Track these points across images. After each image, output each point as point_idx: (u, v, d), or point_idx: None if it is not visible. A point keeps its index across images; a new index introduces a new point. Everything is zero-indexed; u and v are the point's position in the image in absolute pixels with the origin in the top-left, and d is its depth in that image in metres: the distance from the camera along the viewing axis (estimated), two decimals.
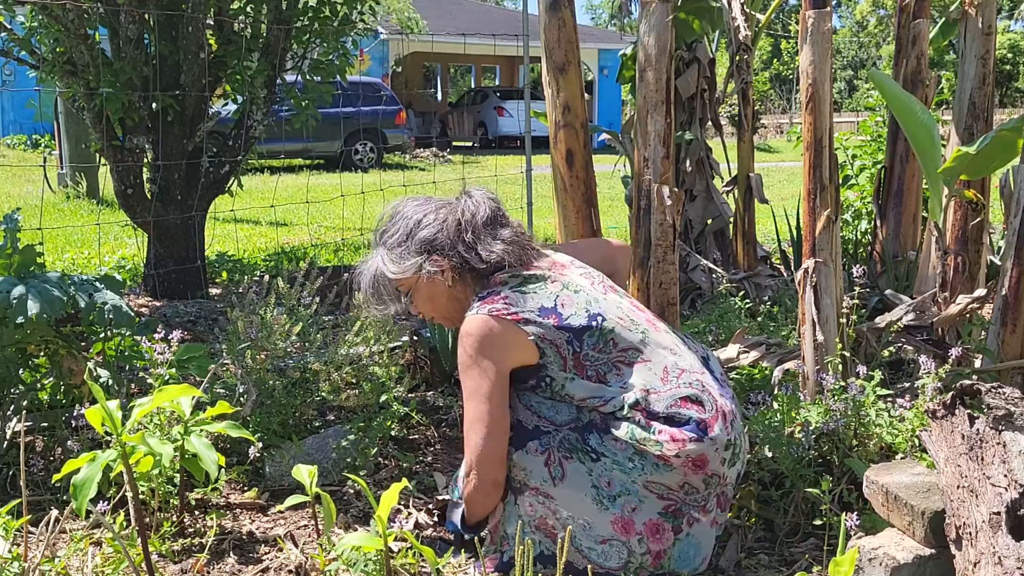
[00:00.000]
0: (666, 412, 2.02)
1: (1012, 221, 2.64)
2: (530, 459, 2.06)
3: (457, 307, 2.20)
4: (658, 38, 2.86)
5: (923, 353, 2.89)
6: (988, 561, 1.71)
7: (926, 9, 4.32)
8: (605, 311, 2.10)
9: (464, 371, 2.07)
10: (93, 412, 1.85)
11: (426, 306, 2.25)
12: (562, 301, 2.09)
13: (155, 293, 5.10)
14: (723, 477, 2.07)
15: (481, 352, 2.04)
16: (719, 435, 2.02)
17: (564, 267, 2.22)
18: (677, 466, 2.00)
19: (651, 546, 2.02)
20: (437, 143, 21.07)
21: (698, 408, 2.03)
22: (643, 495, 2.02)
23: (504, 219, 2.22)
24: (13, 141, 17.51)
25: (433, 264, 2.15)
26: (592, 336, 2.06)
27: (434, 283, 2.17)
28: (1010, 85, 36.42)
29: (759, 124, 25.70)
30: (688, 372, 2.10)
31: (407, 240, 2.17)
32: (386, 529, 1.79)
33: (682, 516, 2.05)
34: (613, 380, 2.06)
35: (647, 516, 2.02)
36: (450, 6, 25.68)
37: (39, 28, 4.73)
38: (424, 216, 2.19)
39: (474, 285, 2.17)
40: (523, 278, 2.13)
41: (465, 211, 2.18)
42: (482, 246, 2.15)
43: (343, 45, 5.32)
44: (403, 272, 2.17)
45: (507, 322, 2.05)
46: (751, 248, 4.81)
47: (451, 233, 2.16)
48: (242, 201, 8.51)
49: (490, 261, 2.14)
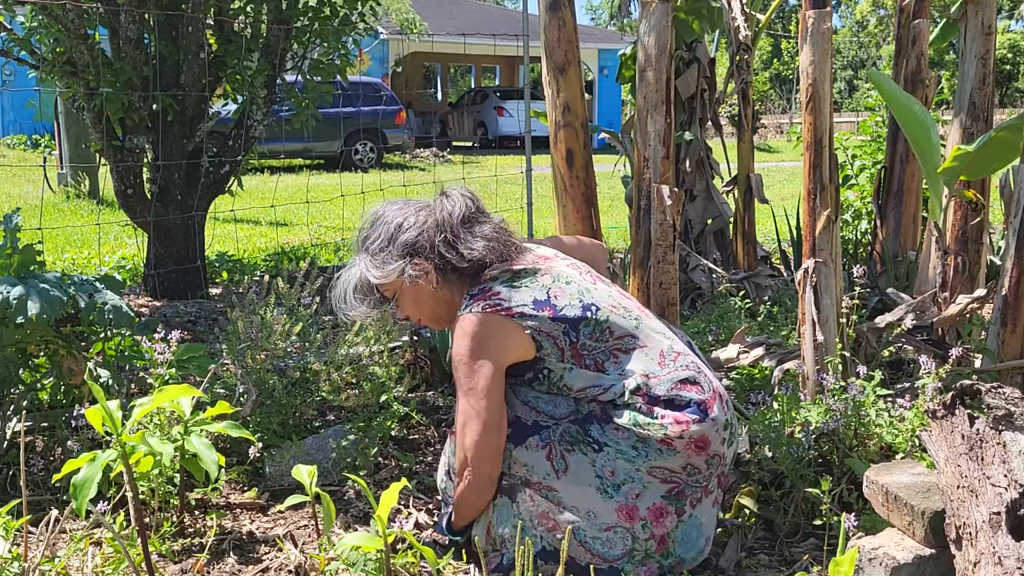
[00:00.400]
0: (667, 395, 2.04)
1: (1012, 221, 2.64)
2: (531, 454, 2.06)
3: (444, 309, 2.20)
4: (658, 38, 2.86)
5: (923, 353, 2.89)
6: (988, 561, 1.71)
7: (926, 9, 4.32)
8: (598, 300, 2.12)
9: (459, 367, 2.06)
10: (93, 412, 1.85)
11: (412, 309, 2.24)
12: (555, 293, 2.10)
13: (155, 293, 5.10)
14: (723, 456, 2.10)
15: (477, 348, 2.04)
16: (718, 415, 2.05)
17: (550, 259, 2.22)
18: (680, 448, 2.02)
19: (655, 530, 2.03)
20: (437, 143, 21.06)
21: (697, 389, 2.06)
22: (647, 481, 2.03)
23: (483, 216, 2.21)
24: (13, 141, 17.50)
25: (415, 268, 2.14)
26: (588, 326, 2.08)
27: (418, 286, 2.17)
28: (1010, 85, 36.42)
29: (759, 124, 25.70)
30: (683, 355, 2.13)
31: (389, 245, 2.16)
32: (386, 529, 1.79)
33: (685, 498, 2.06)
34: (611, 368, 2.07)
35: (651, 501, 2.03)
36: (450, 6, 25.67)
37: (39, 28, 4.73)
38: (404, 219, 2.18)
39: (460, 285, 2.16)
40: (513, 273, 2.13)
41: (443, 211, 2.17)
42: (462, 244, 2.14)
43: (344, 45, 5.32)
44: (386, 277, 2.16)
45: (502, 318, 2.05)
46: (751, 248, 4.81)
47: (431, 234, 2.15)
48: (242, 201, 8.51)
49: (472, 259, 2.13)
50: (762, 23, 4.76)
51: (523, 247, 2.24)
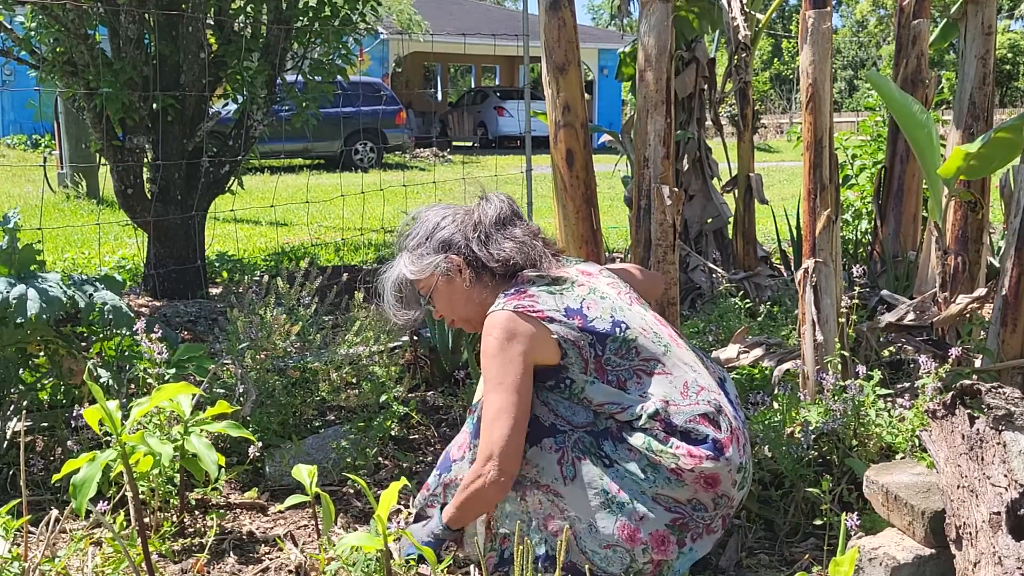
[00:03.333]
0: (684, 427, 2.02)
1: (1012, 221, 2.64)
2: (544, 456, 2.06)
3: (475, 309, 2.21)
4: (658, 38, 2.86)
5: (923, 353, 2.89)
6: (988, 561, 1.71)
7: (926, 9, 4.32)
8: (629, 320, 2.12)
9: (489, 361, 2.06)
10: (93, 412, 1.85)
11: (446, 308, 2.28)
12: (588, 304, 2.11)
13: (155, 293, 5.10)
14: (731, 499, 2.08)
15: (508, 343, 2.05)
16: (733, 457, 2.04)
17: (592, 275, 2.25)
18: (689, 482, 2.00)
19: (654, 556, 2.01)
20: (437, 143, 21.05)
21: (715, 428, 2.04)
22: (651, 506, 2.01)
23: (518, 220, 2.27)
24: (13, 141, 17.50)
25: (449, 262, 2.20)
26: (615, 342, 2.08)
27: (452, 283, 2.21)
28: (1010, 85, 36.40)
29: (759, 124, 25.69)
30: (707, 391, 2.10)
31: (427, 241, 2.24)
32: (386, 529, 1.79)
33: (687, 531, 2.04)
34: (633, 388, 2.06)
35: (654, 527, 2.01)
36: (450, 6, 25.67)
37: (39, 28, 4.73)
38: (443, 219, 2.25)
39: (494, 286, 2.19)
40: (551, 279, 2.17)
41: (479, 212, 2.25)
42: (493, 243, 2.20)
43: (344, 45, 5.32)
44: (421, 272, 2.22)
45: (532, 318, 2.06)
46: (751, 248, 4.81)
47: (466, 232, 2.22)
48: (242, 201, 8.51)
49: (500, 258, 2.18)
50: (762, 23, 4.76)
51: (561, 258, 2.28)
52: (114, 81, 4.62)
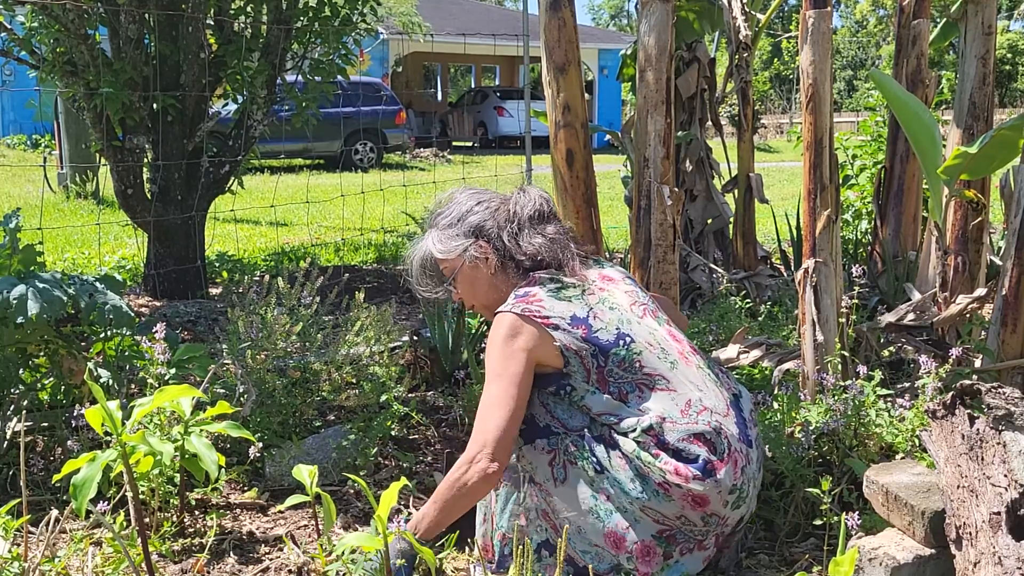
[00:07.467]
0: (676, 445, 1.99)
1: (1012, 221, 2.64)
2: (536, 455, 2.06)
3: (496, 297, 2.21)
4: (658, 38, 2.86)
5: (923, 353, 2.89)
6: (988, 561, 1.71)
7: (926, 9, 4.32)
8: (635, 334, 2.09)
9: (492, 353, 2.07)
10: (93, 412, 1.85)
11: (467, 292, 2.27)
12: (595, 314, 2.09)
13: (155, 293, 5.10)
14: (724, 518, 2.04)
15: (512, 339, 2.05)
16: (724, 479, 1.99)
17: (613, 280, 2.23)
18: (676, 498, 1.98)
19: (640, 566, 1.99)
20: (437, 143, 21.05)
21: (709, 449, 2.00)
22: (639, 516, 2.00)
23: (552, 218, 2.26)
24: (13, 141, 17.50)
25: (478, 249, 2.20)
26: (618, 355, 2.06)
27: (477, 268, 2.21)
28: (1010, 85, 36.40)
29: (759, 124, 25.68)
30: (710, 412, 2.05)
31: (458, 223, 2.23)
32: (386, 529, 1.79)
33: (676, 544, 2.02)
34: (633, 401, 2.05)
35: (640, 536, 1.99)
36: (450, 6, 25.67)
37: (39, 28, 4.73)
38: (477, 204, 2.25)
39: (515, 278, 2.19)
40: (562, 283, 2.14)
41: (516, 203, 2.24)
42: (523, 237, 2.20)
43: (344, 45, 5.32)
44: (448, 252, 2.22)
45: (536, 323, 2.06)
46: (751, 248, 4.81)
47: (500, 221, 2.22)
48: (242, 201, 8.51)
49: (528, 253, 2.18)
50: (762, 23, 4.76)
51: (588, 261, 2.27)
52: (114, 81, 4.62)
